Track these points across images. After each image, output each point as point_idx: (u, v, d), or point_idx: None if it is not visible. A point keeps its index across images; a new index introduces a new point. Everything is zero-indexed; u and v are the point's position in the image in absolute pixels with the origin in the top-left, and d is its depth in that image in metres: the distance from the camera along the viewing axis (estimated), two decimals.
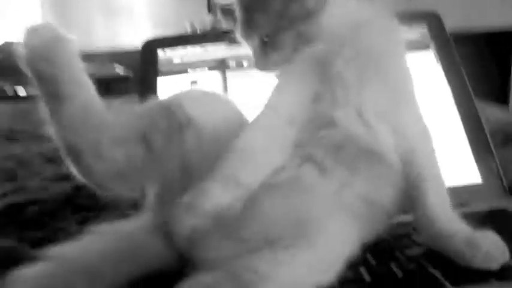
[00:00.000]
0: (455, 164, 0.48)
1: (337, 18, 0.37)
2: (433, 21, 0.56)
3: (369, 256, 0.33)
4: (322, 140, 0.34)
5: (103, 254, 0.34)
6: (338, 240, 0.30)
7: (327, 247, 0.29)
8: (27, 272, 0.31)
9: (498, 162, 0.47)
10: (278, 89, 0.37)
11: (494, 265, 0.29)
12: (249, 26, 0.38)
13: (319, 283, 0.28)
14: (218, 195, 0.30)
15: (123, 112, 0.35)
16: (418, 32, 0.56)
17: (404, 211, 0.35)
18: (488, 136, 0.49)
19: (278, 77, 0.38)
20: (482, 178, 0.47)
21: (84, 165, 0.33)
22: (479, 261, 0.29)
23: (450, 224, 0.32)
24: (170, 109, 0.35)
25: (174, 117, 0.34)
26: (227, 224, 0.31)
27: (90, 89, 0.34)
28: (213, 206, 0.29)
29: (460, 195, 0.43)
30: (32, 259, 0.32)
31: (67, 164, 0.34)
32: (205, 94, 0.39)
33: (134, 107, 0.36)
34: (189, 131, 0.34)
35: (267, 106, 0.36)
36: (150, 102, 0.37)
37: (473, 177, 0.48)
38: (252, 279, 0.27)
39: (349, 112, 0.34)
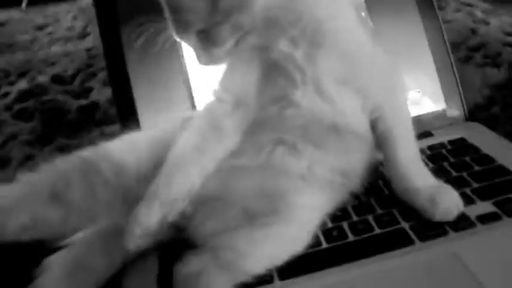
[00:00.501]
0: (424, 90, 0.52)
1: (269, 2, 0.36)
2: None
3: (350, 210, 0.40)
4: (289, 122, 0.36)
5: None
6: (308, 214, 0.36)
7: (298, 221, 0.35)
8: (59, 256, 0.37)
9: (460, 88, 0.51)
10: (226, 76, 0.38)
11: (451, 218, 0.36)
12: (181, 25, 0.36)
13: (293, 253, 0.34)
14: (145, 219, 0.33)
15: (24, 179, 0.35)
16: None
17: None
18: (451, 58, 0.52)
19: (227, 61, 0.38)
20: (445, 100, 0.53)
21: None
22: (439, 217, 0.35)
23: (417, 180, 0.37)
24: (91, 163, 0.36)
25: (94, 171, 0.35)
26: (208, 205, 0.36)
27: None
28: (142, 230, 0.33)
29: (425, 123, 0.50)
30: None
31: None
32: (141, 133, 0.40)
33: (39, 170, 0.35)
34: (124, 173, 0.36)
35: (215, 96, 0.38)
36: (59, 161, 0.36)
37: (440, 104, 0.53)
38: (231, 258, 0.32)
39: (308, 91, 0.36)
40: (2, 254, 0.37)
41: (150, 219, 0.33)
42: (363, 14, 0.51)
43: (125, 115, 0.49)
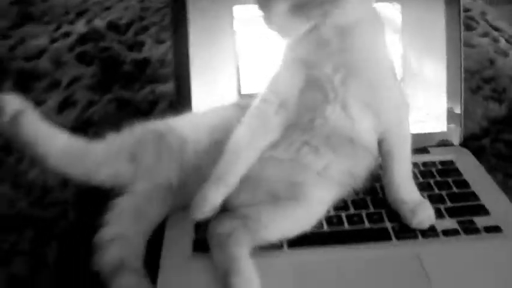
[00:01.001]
0: (430, 110, 0.61)
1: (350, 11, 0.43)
2: None
3: (350, 204, 0.51)
4: (316, 130, 0.47)
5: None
6: (318, 204, 0.47)
7: (310, 208, 0.46)
8: (123, 200, 0.48)
9: (463, 116, 0.60)
10: (275, 80, 0.47)
11: (423, 227, 0.47)
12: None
13: (301, 231, 0.45)
14: (213, 198, 0.43)
15: (111, 139, 0.45)
16: None
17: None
18: (463, 87, 0.60)
19: (278, 67, 0.47)
20: (447, 125, 0.62)
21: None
22: (415, 225, 0.46)
23: (405, 194, 0.48)
24: (161, 133, 0.46)
25: (164, 140, 0.46)
26: (244, 182, 0.46)
27: (62, 137, 0.44)
28: (210, 206, 0.43)
29: (425, 140, 0.60)
30: None
31: None
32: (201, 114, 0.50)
33: (122, 133, 0.46)
34: (185, 147, 0.46)
35: (262, 94, 0.47)
36: (139, 127, 0.47)
37: (439, 124, 0.62)
38: (256, 227, 0.43)
39: (336, 108, 0.46)
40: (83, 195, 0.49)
41: (217, 198, 0.44)
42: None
43: (180, 78, 0.58)
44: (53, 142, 0.43)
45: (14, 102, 0.41)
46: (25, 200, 0.50)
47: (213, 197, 0.43)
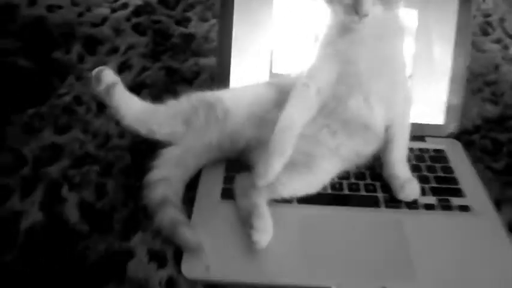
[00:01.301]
0: (432, 103, 0.71)
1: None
2: None
3: (351, 174, 0.62)
4: (338, 115, 0.57)
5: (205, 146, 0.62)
6: (325, 174, 0.58)
7: (318, 177, 0.58)
8: (169, 150, 0.60)
9: (460, 113, 0.70)
10: (313, 69, 0.57)
11: (408, 200, 0.58)
12: None
13: (309, 193, 0.57)
14: (276, 167, 0.53)
15: (171, 104, 0.57)
16: None
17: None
18: (465, 86, 0.69)
19: (315, 58, 0.57)
20: (444, 119, 0.71)
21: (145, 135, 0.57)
22: (401, 197, 0.58)
23: (398, 171, 0.59)
24: (211, 103, 0.57)
25: (213, 109, 0.57)
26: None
27: (136, 104, 0.56)
28: (273, 174, 0.53)
29: (423, 129, 0.70)
30: None
31: None
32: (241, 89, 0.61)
33: (180, 100, 0.58)
34: (228, 116, 0.57)
35: (303, 80, 0.56)
36: (193, 97, 0.58)
37: (438, 117, 0.71)
38: (276, 184, 0.55)
39: (359, 99, 0.56)
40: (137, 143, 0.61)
41: (279, 167, 0.53)
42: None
43: (222, 54, 0.69)
44: (130, 108, 0.55)
45: (109, 75, 0.54)
46: (92, 143, 0.62)
47: (275, 166, 0.53)
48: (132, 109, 0.55)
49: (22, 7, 0.84)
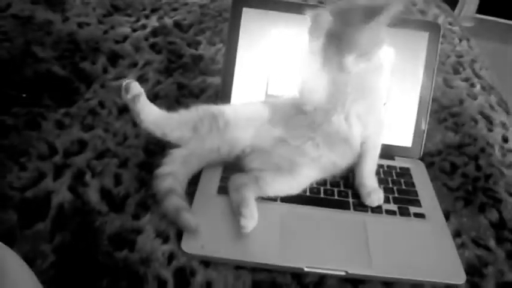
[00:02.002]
0: (402, 129, 0.83)
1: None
2: (434, 30, 0.81)
3: (328, 182, 0.74)
4: (322, 129, 0.69)
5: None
6: (305, 179, 0.70)
7: (298, 181, 0.69)
8: (176, 151, 0.71)
9: (425, 138, 0.82)
10: (306, 91, 0.70)
11: (373, 205, 0.69)
12: (346, 51, 0.62)
13: (290, 193, 0.68)
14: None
15: (182, 113, 0.69)
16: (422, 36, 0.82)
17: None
18: (428, 115, 0.81)
19: (309, 81, 0.70)
20: (412, 142, 0.83)
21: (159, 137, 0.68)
22: (368, 202, 0.69)
23: (367, 181, 0.70)
24: (215, 114, 0.69)
25: (216, 120, 0.69)
26: (261, 153, 0.70)
27: (154, 112, 0.67)
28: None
29: (392, 150, 0.82)
30: None
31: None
32: (240, 105, 0.74)
33: (190, 110, 0.70)
34: (228, 126, 0.69)
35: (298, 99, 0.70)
36: (200, 109, 0.70)
37: (407, 141, 0.84)
38: (262, 184, 0.66)
39: (341, 117, 0.69)
40: (150, 143, 0.72)
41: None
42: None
43: (226, 74, 0.81)
44: (149, 114, 0.67)
45: (136, 87, 0.66)
46: (112, 141, 0.74)
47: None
48: (151, 115, 0.67)
49: (57, 23, 0.97)
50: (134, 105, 0.66)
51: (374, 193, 0.70)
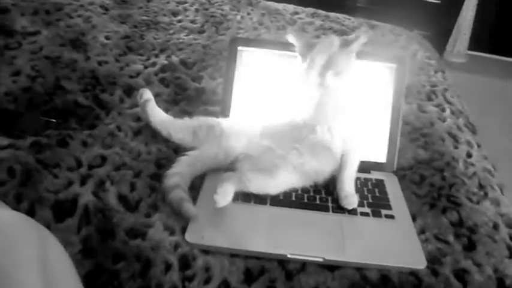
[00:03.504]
0: (377, 147, 0.96)
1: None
2: (401, 62, 0.96)
3: (310, 188, 0.85)
4: (307, 140, 0.82)
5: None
6: (282, 182, 0.81)
7: (277, 182, 0.81)
8: (183, 157, 0.84)
9: (397, 155, 0.94)
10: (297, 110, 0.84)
11: (349, 208, 0.81)
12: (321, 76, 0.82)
13: (269, 193, 0.81)
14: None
15: (185, 119, 0.86)
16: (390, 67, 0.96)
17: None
18: (399, 134, 0.94)
19: (299, 101, 0.85)
20: (386, 159, 0.96)
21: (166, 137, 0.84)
22: (344, 205, 0.81)
23: (345, 187, 0.82)
24: (212, 124, 0.85)
25: (213, 128, 0.85)
26: (249, 158, 0.83)
27: (162, 115, 0.85)
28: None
29: (369, 165, 0.94)
30: None
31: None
32: (235, 120, 0.89)
33: (192, 118, 0.87)
34: (223, 135, 0.84)
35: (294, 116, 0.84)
36: (200, 118, 0.87)
37: (382, 157, 0.96)
38: (245, 180, 0.79)
39: (324, 128, 0.82)
40: (160, 151, 0.86)
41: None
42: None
43: (224, 105, 0.96)
44: (157, 116, 0.85)
45: (147, 94, 0.85)
46: (128, 157, 0.87)
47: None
48: (158, 117, 0.86)
49: (81, 61, 1.13)
50: (145, 107, 0.86)
51: (350, 197, 0.82)
